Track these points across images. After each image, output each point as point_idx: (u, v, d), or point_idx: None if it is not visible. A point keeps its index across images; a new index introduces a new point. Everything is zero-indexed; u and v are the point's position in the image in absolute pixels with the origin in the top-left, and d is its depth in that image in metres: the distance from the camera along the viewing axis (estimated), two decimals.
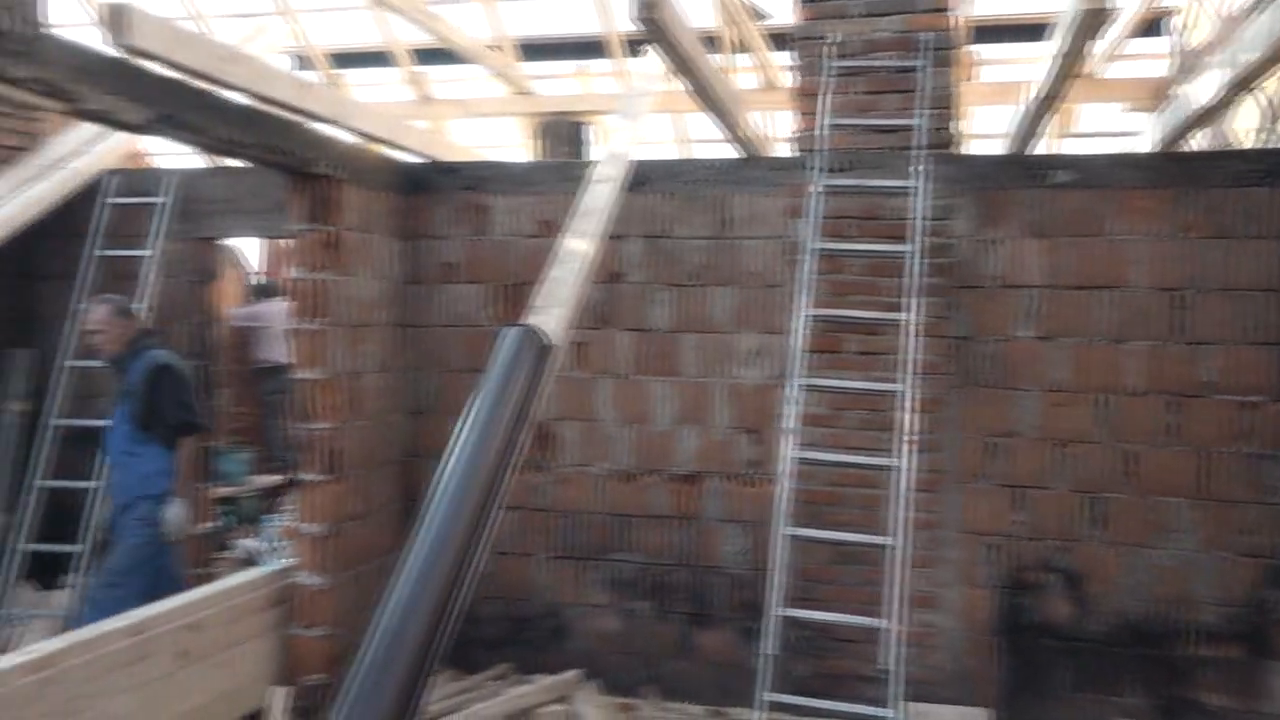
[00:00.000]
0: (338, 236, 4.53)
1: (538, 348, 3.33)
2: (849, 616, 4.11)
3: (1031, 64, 5.76)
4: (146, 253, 5.53)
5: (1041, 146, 7.50)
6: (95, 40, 3.20)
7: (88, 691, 3.40)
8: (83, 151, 5.86)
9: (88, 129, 6.03)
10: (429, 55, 8.17)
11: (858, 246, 4.48)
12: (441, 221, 5.10)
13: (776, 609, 3.89)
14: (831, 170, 4.52)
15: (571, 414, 4.95)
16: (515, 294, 5.03)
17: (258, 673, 4.33)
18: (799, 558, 4.29)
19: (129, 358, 4.69)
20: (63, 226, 5.75)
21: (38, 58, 2.87)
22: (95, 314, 4.70)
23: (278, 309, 8.26)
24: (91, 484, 5.19)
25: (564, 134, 7.74)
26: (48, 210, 5.52)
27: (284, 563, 4.55)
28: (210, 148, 3.79)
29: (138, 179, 5.82)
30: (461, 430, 3.01)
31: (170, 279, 5.67)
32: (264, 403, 8.14)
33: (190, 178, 5.73)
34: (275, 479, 5.51)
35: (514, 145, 8.75)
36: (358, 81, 8.79)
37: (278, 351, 8.02)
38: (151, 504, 4.57)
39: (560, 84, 8.34)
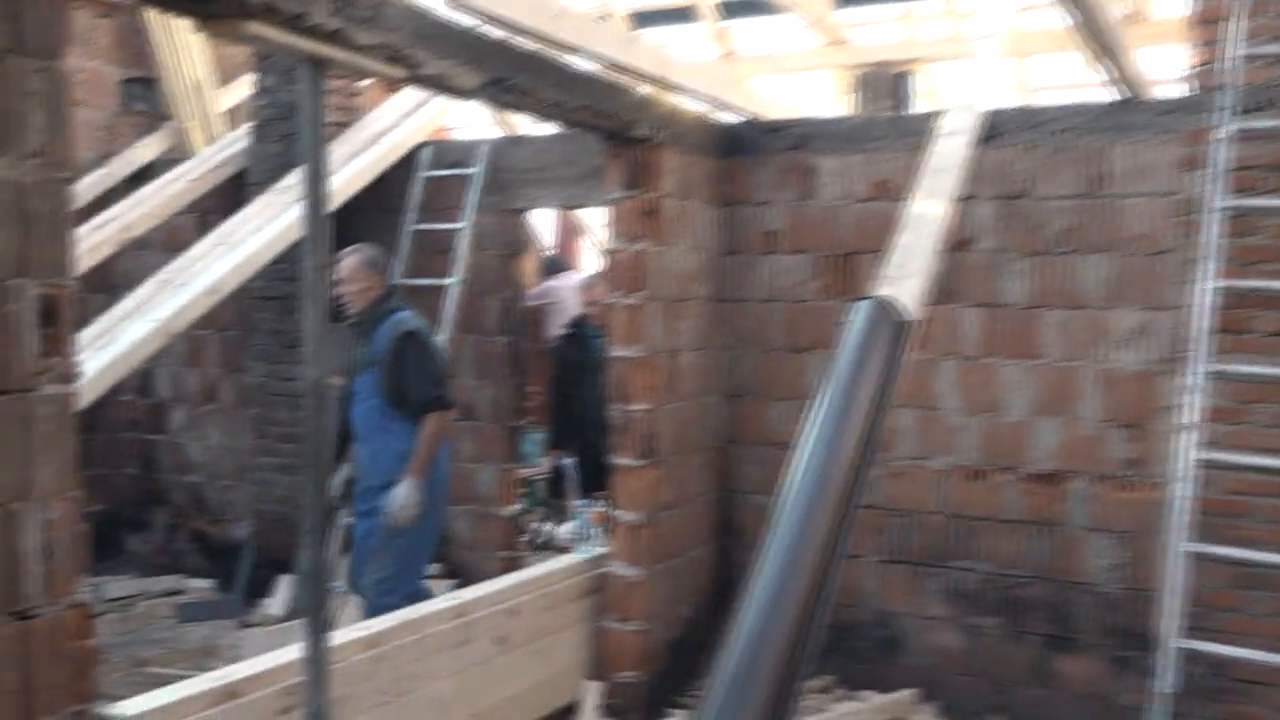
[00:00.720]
0: (656, 203, 4.48)
1: (894, 323, 3.08)
2: (1260, 653, 3.58)
3: None
4: (459, 225, 5.75)
5: None
6: (431, 4, 3.27)
7: (414, 672, 3.53)
8: (398, 125, 6.19)
9: (403, 103, 6.36)
10: (734, 9, 8.05)
11: (1274, 203, 3.89)
12: (762, 186, 4.94)
13: (1173, 639, 3.43)
14: (1245, 111, 3.94)
15: (908, 400, 4.65)
16: (845, 266, 4.79)
17: (571, 664, 4.38)
18: (1195, 579, 3.79)
19: (375, 319, 4.47)
20: (379, 201, 6.08)
21: (382, 23, 2.94)
22: (344, 265, 4.49)
23: (567, 285, 8.44)
24: None
25: (884, 86, 7.39)
26: (366, 185, 5.86)
27: (597, 551, 4.57)
28: (534, 111, 3.81)
29: (450, 151, 6.06)
30: (814, 418, 2.81)
31: (480, 252, 5.86)
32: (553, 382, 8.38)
33: (500, 148, 5.89)
34: (562, 460, 5.59)
35: (826, 101, 8.48)
36: (657, 40, 8.83)
37: None
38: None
39: (881, 31, 7.97)
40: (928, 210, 3.62)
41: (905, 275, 3.32)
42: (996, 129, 4.46)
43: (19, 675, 2.02)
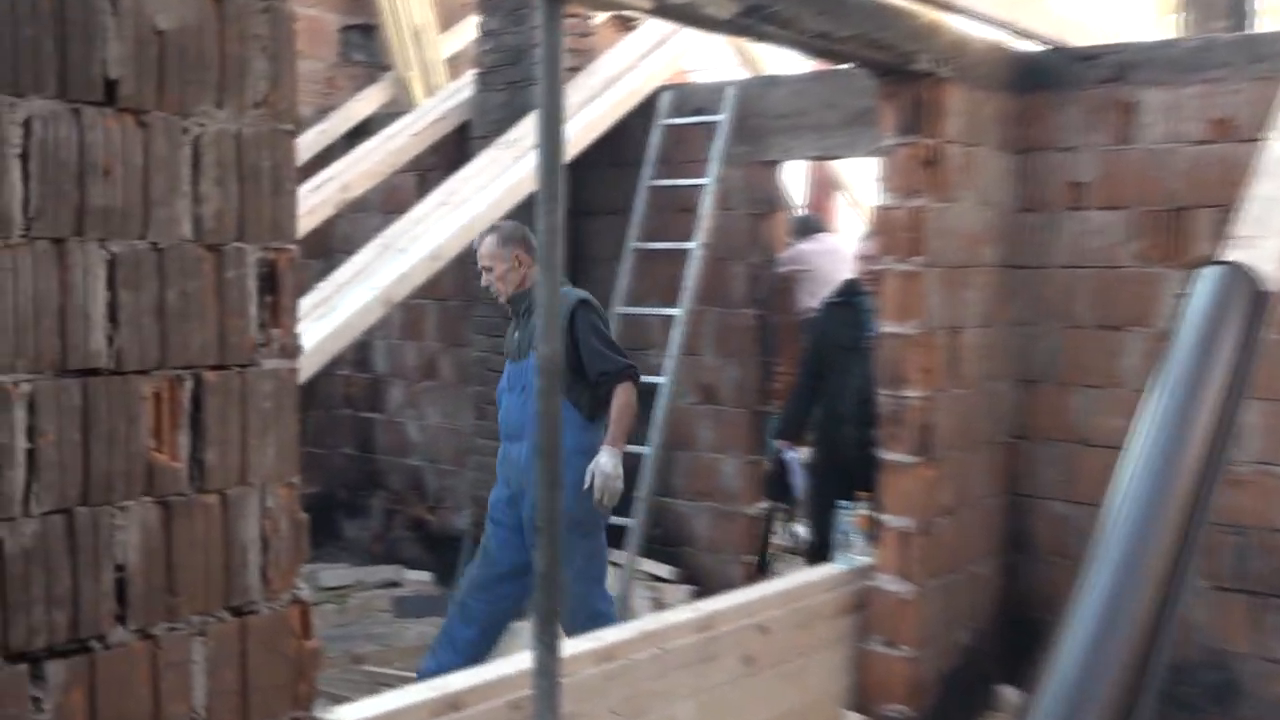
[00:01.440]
0: (938, 150, 4.29)
1: (1250, 295, 2.81)
2: None
3: None
4: (703, 181, 5.71)
5: None
6: None
7: (652, 690, 3.53)
8: (634, 68, 6.21)
9: (640, 43, 6.38)
10: None
11: None
12: (1068, 127, 4.66)
13: None
14: None
15: (1258, 391, 4.25)
16: (1174, 224, 4.45)
17: (826, 691, 4.29)
18: None
19: (530, 299, 4.35)
20: (613, 154, 6.13)
21: None
22: (483, 246, 4.49)
23: (822, 250, 8.26)
24: (644, 449, 5.48)
25: (1220, 2, 6.85)
26: (598, 136, 5.91)
27: (860, 561, 4.44)
28: (796, 44, 3.71)
29: (693, 95, 6.03)
30: (1149, 412, 2.59)
31: (725, 212, 5.81)
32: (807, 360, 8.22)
33: (750, 90, 5.81)
34: (787, 452, 5.41)
35: (1147, 22, 7.92)
36: None
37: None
38: (572, 498, 4.31)
39: None
40: None
41: (1264, 235, 3.03)
42: None
43: (237, 675, 2.11)
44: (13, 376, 1.81)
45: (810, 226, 9.01)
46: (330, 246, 7.28)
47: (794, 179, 10.60)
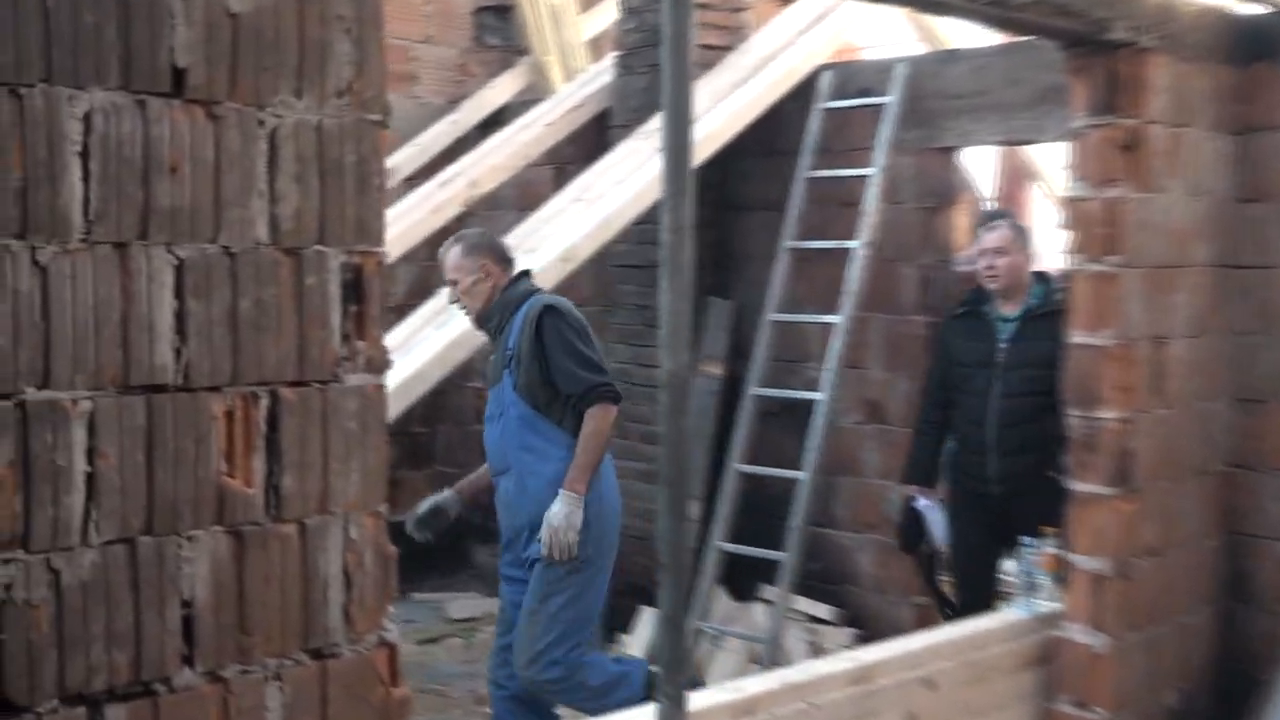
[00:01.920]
0: (1138, 133, 4.10)
1: None
2: None
3: None
4: (869, 171, 5.59)
5: None
6: None
7: None
8: (791, 45, 6.12)
9: (798, 18, 6.29)
10: None
11: None
12: None
13: None
14: None
15: None
16: None
17: None
18: None
19: (503, 313, 4.31)
20: (767, 142, 6.06)
21: None
22: (447, 257, 4.38)
23: None
24: (799, 474, 5.39)
25: None
26: (750, 122, 5.84)
27: (1045, 607, 4.26)
28: (971, 14, 3.59)
29: (857, 74, 5.93)
30: None
31: (894, 206, 5.68)
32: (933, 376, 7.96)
33: (923, 68, 5.67)
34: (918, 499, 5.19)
35: None
36: None
37: None
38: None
39: None
40: None
41: None
42: None
43: None
44: (71, 393, 1.85)
45: (997, 220, 8.77)
46: None
47: (980, 168, 10.37)
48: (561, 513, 4.10)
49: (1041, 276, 4.88)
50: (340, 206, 2.12)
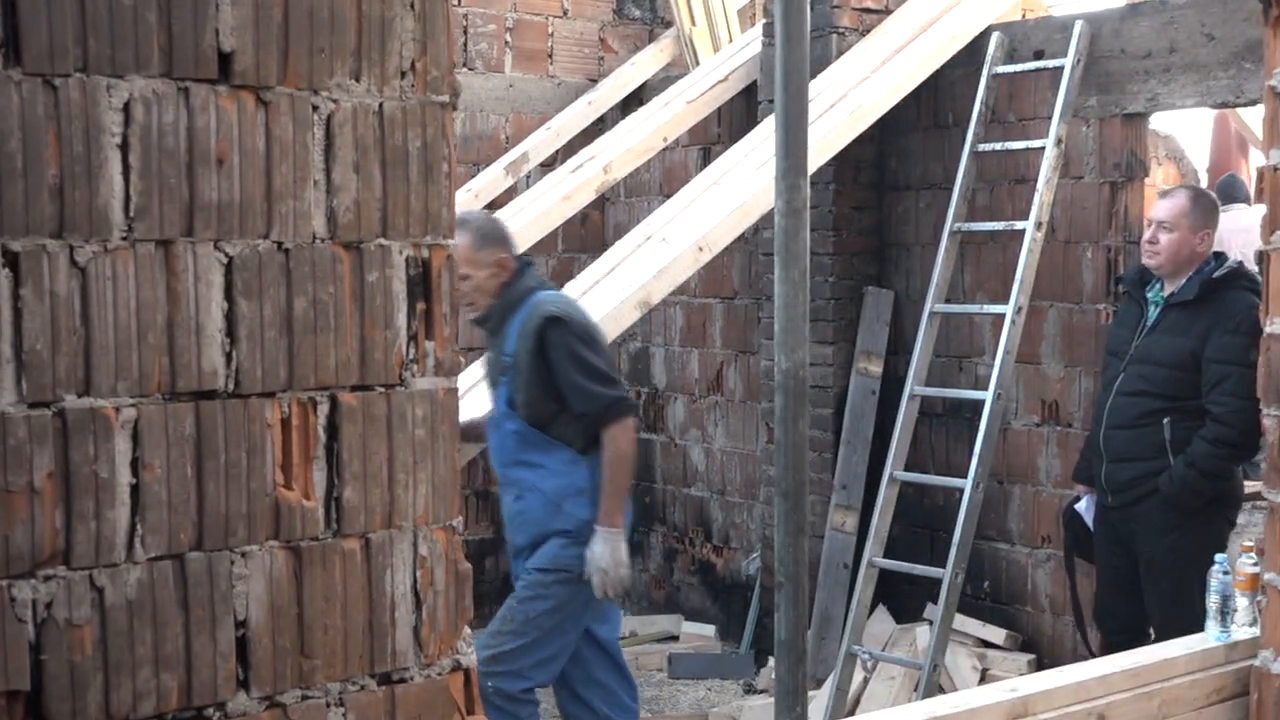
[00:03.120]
0: None
1: None
2: None
3: None
4: (1044, 143, 5.43)
5: None
6: None
7: None
8: (958, 5, 5.99)
9: None
10: None
11: None
12: None
13: None
14: None
15: None
16: None
17: None
18: None
19: (505, 312, 4.20)
20: (930, 114, 5.97)
21: None
22: (457, 251, 4.08)
23: (1238, 223, 7.67)
24: (964, 482, 5.27)
25: None
26: (911, 91, 5.73)
27: (1240, 634, 4.07)
28: None
29: (1030, 34, 5.79)
30: None
31: (1073, 181, 5.51)
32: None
33: (1105, 25, 5.50)
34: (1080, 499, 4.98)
35: None
36: None
37: None
38: (565, 543, 4.17)
39: None
40: None
41: None
42: None
43: None
44: (114, 400, 1.88)
45: (1222, 192, 8.39)
46: (602, 238, 7.43)
47: (1193, 135, 9.99)
48: (605, 553, 4.11)
49: (1219, 258, 4.67)
50: (404, 196, 2.13)
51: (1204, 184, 8.99)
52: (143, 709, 1.92)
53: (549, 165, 7.11)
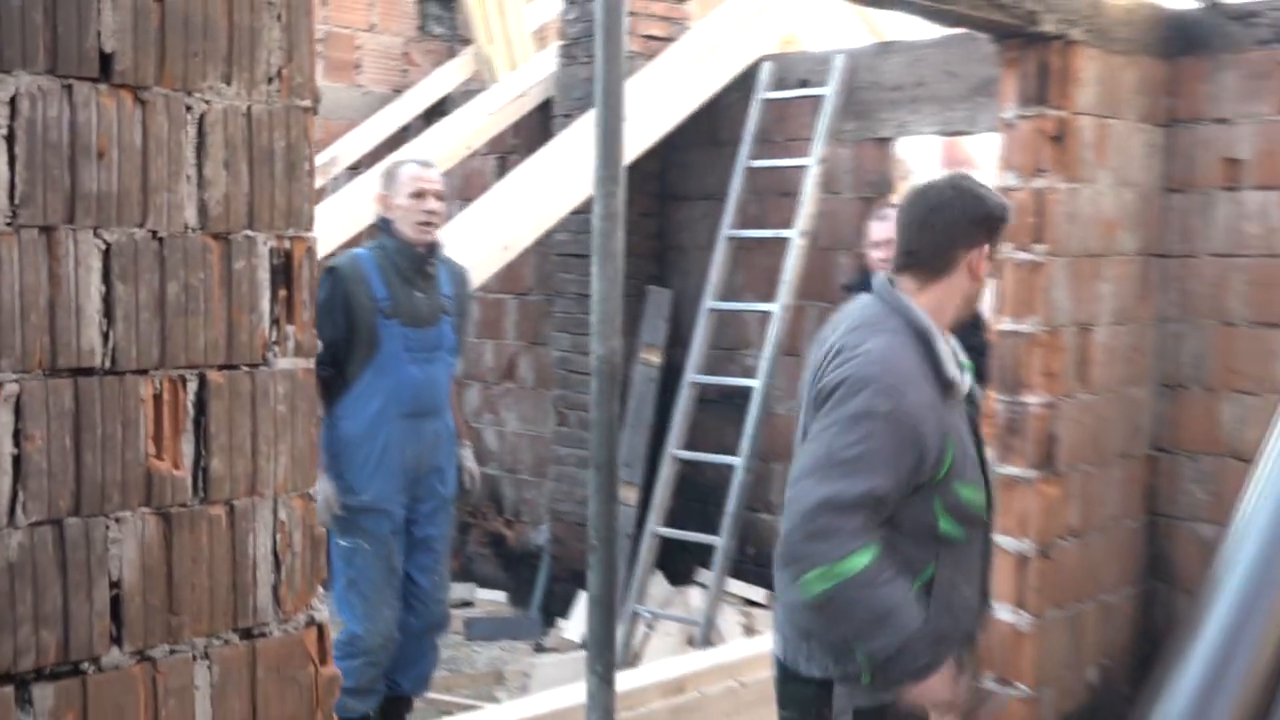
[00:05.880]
0: (1066, 124, 4.18)
1: None
2: None
3: None
4: (807, 161, 5.64)
5: None
6: None
7: None
8: (734, 36, 6.16)
9: (741, 8, 6.33)
10: None
11: None
12: (1224, 96, 4.52)
13: None
14: None
15: None
16: None
17: None
18: None
19: (436, 250, 4.29)
20: (707, 133, 6.11)
21: None
22: (433, 173, 4.32)
23: None
24: (735, 460, 5.44)
25: None
26: (693, 112, 5.88)
27: None
28: (906, 6, 3.63)
29: (797, 65, 5.99)
30: None
31: (831, 195, 5.74)
32: None
33: (861, 60, 5.74)
34: None
35: None
36: None
37: None
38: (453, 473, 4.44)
39: None
40: None
41: None
42: None
43: (245, 703, 2.12)
44: None
45: None
46: None
47: (923, 159, 10.44)
48: (471, 458, 4.57)
49: None
50: (269, 192, 2.13)
51: None
52: (23, 664, 1.88)
53: (356, 169, 7.03)
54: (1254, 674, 2.09)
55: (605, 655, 2.78)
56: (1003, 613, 4.22)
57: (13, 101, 1.84)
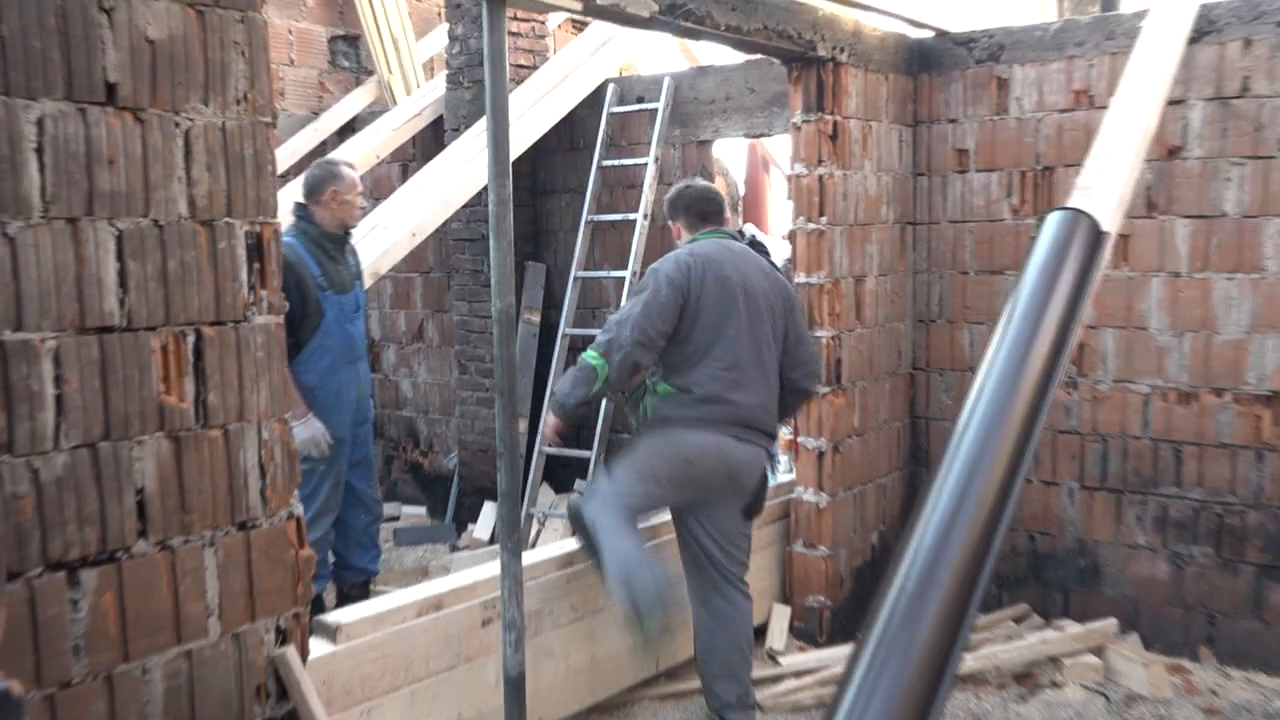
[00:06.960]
0: (839, 126, 4.36)
1: (1088, 235, 2.90)
2: None
3: None
4: (645, 160, 5.77)
5: None
6: None
7: (605, 591, 3.63)
8: (585, 64, 6.24)
9: (589, 42, 6.41)
10: None
11: None
12: (953, 102, 4.73)
13: None
14: None
15: (1110, 320, 4.40)
16: (1041, 181, 4.55)
17: (762, 587, 4.40)
18: None
19: (348, 233, 4.37)
20: (568, 140, 6.18)
21: None
22: (358, 180, 4.37)
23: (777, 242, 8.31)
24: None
25: None
26: (555, 124, 5.96)
27: (785, 477, 4.56)
28: (712, 37, 3.77)
29: (635, 86, 6.08)
30: (1001, 333, 2.69)
31: (665, 186, 5.87)
32: None
33: (684, 80, 5.86)
34: None
35: (1026, 9, 7.99)
36: None
37: None
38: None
39: None
40: (1130, 114, 3.37)
41: (1102, 184, 3.12)
42: (1211, 24, 4.11)
43: (243, 578, 2.21)
44: (40, 334, 1.90)
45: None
46: None
47: (733, 156, 10.64)
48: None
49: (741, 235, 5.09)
50: (243, 188, 2.20)
51: (740, 190, 9.63)
52: (70, 554, 1.95)
53: (284, 178, 6.94)
54: (977, 520, 2.32)
55: (514, 535, 2.91)
56: (808, 495, 4.45)
57: (40, 122, 1.89)
